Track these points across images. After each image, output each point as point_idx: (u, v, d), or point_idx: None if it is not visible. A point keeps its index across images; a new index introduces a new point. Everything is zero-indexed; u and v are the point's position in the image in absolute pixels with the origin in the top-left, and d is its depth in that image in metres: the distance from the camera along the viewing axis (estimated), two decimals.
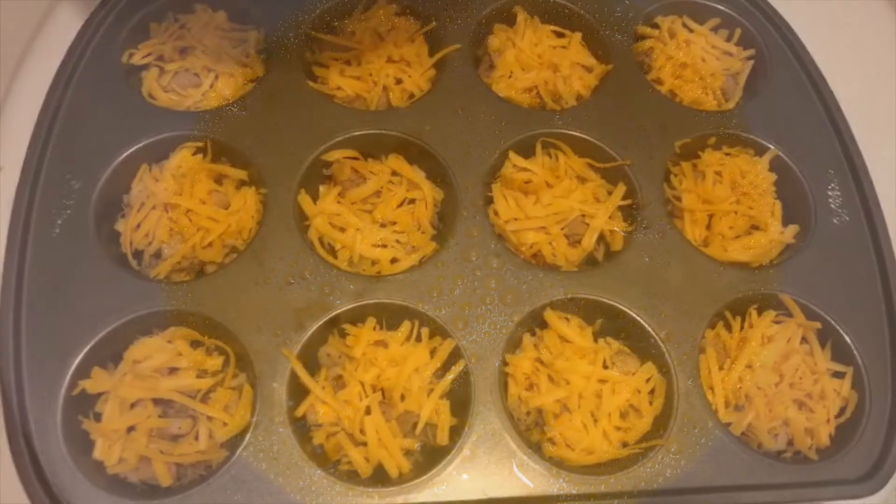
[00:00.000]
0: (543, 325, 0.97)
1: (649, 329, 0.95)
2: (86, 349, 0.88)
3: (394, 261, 1.00)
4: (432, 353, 0.92)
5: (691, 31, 1.20)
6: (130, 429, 0.86)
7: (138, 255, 0.98)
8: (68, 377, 0.86)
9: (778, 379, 0.94)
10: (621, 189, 1.04)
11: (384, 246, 1.00)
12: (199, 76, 1.08)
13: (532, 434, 0.92)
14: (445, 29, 1.14)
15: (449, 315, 0.93)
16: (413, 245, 1.01)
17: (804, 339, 0.97)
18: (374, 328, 0.93)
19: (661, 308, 0.96)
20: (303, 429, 0.88)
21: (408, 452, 0.89)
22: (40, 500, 0.80)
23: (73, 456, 0.83)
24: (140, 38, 1.10)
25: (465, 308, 0.94)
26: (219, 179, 1.02)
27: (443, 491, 0.84)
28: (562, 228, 1.01)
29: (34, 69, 1.07)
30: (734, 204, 1.05)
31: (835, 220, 1.05)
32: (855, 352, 0.96)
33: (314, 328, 0.91)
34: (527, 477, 0.85)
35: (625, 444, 0.91)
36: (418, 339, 0.93)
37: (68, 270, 0.92)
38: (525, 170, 1.04)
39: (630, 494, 0.85)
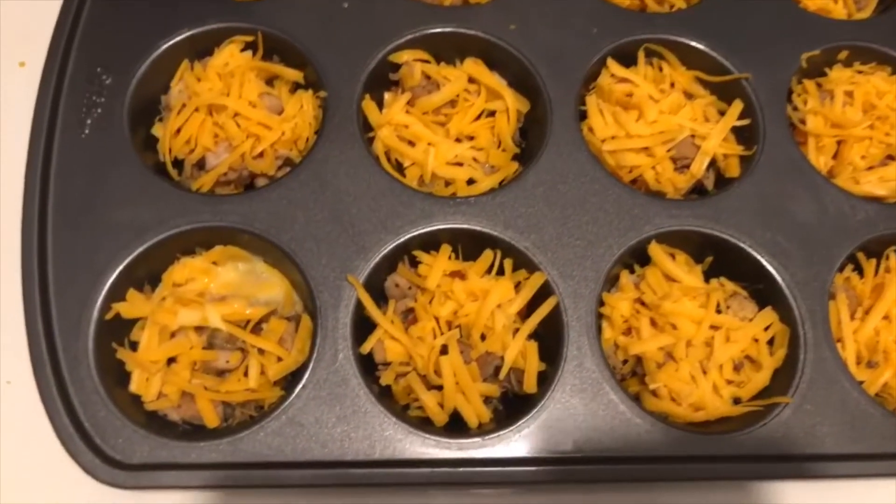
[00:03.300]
0: (643, 260, 0.83)
1: (770, 269, 0.81)
2: (119, 268, 0.77)
3: (471, 182, 0.86)
4: (517, 287, 0.79)
5: None
6: (171, 360, 0.75)
7: (178, 164, 0.85)
8: (100, 300, 0.76)
9: None
10: (738, 107, 0.89)
11: (460, 164, 0.86)
12: None
13: (629, 385, 0.80)
14: None
15: (536, 245, 0.80)
16: (492, 164, 0.87)
17: None
18: (450, 257, 0.80)
19: (785, 245, 0.82)
20: (368, 368, 0.76)
21: (486, 400, 0.77)
22: (68, 435, 0.70)
23: (106, 388, 0.73)
24: None
25: (555, 238, 0.81)
26: (270, 81, 0.89)
27: (531, 444, 0.72)
28: (668, 150, 0.87)
29: None
30: (868, 129, 0.90)
31: None
32: None
33: (382, 254, 0.79)
34: (629, 433, 0.73)
35: (736, 401, 0.78)
36: (500, 271, 0.81)
37: (99, 178, 0.80)
38: (625, 80, 0.89)
39: (751, 459, 0.73)
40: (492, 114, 0.89)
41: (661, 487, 0.74)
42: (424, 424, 0.75)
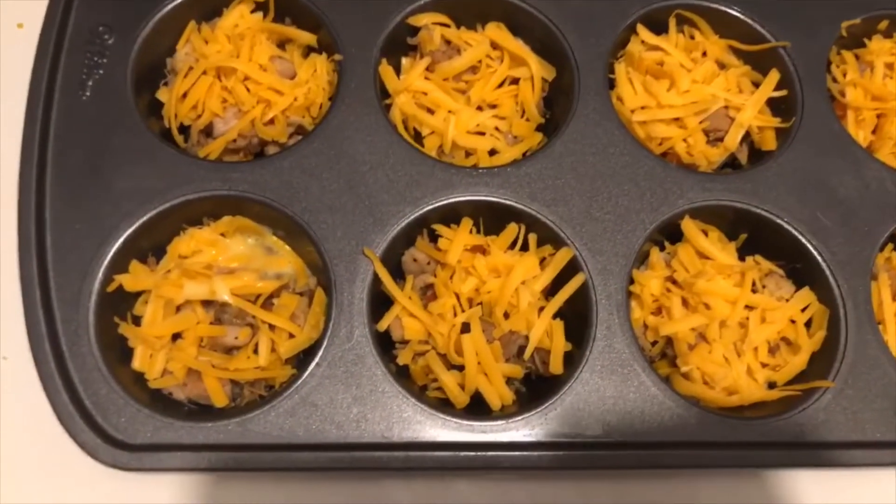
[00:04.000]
0: (673, 237, 0.79)
1: (809, 247, 0.77)
2: (122, 238, 0.72)
3: (493, 152, 0.82)
4: (542, 263, 0.75)
5: None
6: (176, 336, 0.71)
7: (184, 130, 0.81)
8: (102, 271, 0.71)
9: None
10: (774, 77, 0.84)
11: (481, 133, 0.82)
12: None
13: (659, 367, 0.76)
14: None
15: (563, 219, 0.76)
16: (515, 134, 0.83)
17: None
18: (471, 231, 0.76)
19: (825, 222, 0.78)
20: (385, 346, 0.72)
21: (508, 381, 0.73)
22: (68, 414, 0.66)
23: (108, 364, 0.68)
24: None
25: (583, 211, 0.76)
26: (282, 44, 0.84)
27: (557, 428, 0.68)
28: (701, 122, 0.82)
29: None
30: None
31: None
32: None
33: (399, 227, 0.74)
34: (662, 417, 0.69)
35: (771, 385, 0.74)
36: (524, 246, 0.76)
37: (101, 142, 0.76)
38: (656, 48, 0.85)
39: (790, 446, 0.69)
40: (515, 81, 0.84)
41: (694, 474, 0.70)
42: (444, 406, 0.71)
